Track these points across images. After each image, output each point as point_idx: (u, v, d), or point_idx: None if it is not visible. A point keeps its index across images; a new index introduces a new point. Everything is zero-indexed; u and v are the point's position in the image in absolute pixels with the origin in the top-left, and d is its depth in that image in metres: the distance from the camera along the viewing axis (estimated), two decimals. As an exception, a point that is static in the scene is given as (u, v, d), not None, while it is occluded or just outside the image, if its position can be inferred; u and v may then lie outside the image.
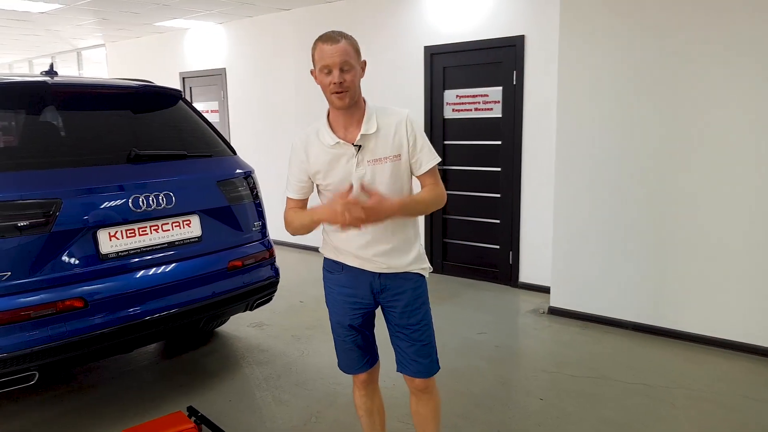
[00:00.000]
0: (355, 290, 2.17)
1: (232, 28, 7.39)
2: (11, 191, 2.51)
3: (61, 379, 3.53)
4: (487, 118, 5.41)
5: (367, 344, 2.30)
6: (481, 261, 5.66)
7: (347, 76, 1.94)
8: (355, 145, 2.01)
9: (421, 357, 2.20)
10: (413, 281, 2.17)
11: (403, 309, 2.16)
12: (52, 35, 8.03)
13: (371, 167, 2.02)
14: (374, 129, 2.02)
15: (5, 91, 2.81)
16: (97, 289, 2.71)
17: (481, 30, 5.27)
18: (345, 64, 1.93)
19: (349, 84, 1.95)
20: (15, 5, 5.84)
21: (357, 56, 1.99)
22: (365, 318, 2.23)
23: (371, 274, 2.13)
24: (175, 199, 3.01)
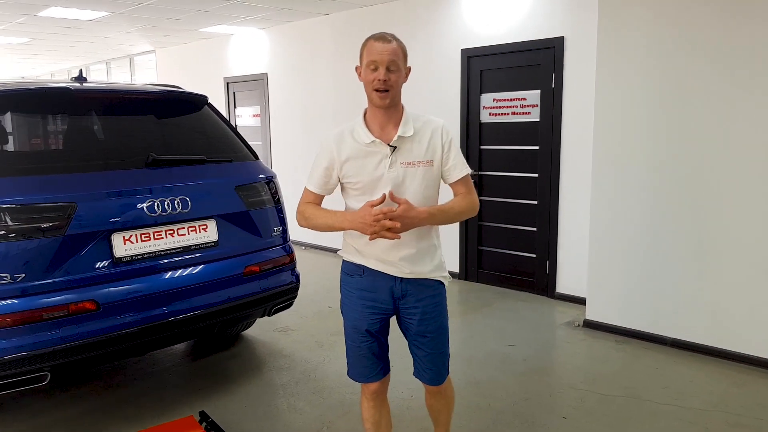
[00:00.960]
0: (375, 294, 2.15)
1: (273, 34, 7.46)
2: (25, 195, 2.56)
3: (87, 378, 3.60)
4: (524, 122, 5.24)
5: (382, 352, 2.26)
6: (516, 270, 5.48)
7: (392, 75, 1.98)
8: (391, 145, 2.03)
9: (435, 365, 2.23)
10: (433, 288, 2.17)
11: (422, 316, 2.15)
12: (103, 42, 8.33)
13: (404, 169, 2.04)
14: (411, 132, 2.05)
15: (26, 98, 2.89)
16: (109, 292, 2.74)
17: (518, 31, 5.11)
18: (392, 64, 1.98)
19: (392, 84, 1.99)
20: (65, 13, 6.07)
21: (404, 60, 2.04)
22: (382, 324, 2.21)
23: (392, 278, 2.12)
24: (191, 204, 3.02)
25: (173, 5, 5.89)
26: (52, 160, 2.78)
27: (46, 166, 2.73)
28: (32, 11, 5.97)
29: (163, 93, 3.33)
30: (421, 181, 2.06)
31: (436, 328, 2.18)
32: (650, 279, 4.08)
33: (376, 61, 1.98)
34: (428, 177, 2.08)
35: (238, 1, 5.81)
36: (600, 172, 4.26)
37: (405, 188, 2.04)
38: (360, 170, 2.06)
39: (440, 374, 2.26)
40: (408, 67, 2.08)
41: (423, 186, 2.07)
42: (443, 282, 2.23)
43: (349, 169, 2.07)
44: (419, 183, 2.06)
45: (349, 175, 2.08)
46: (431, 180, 2.09)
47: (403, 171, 2.04)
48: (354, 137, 2.08)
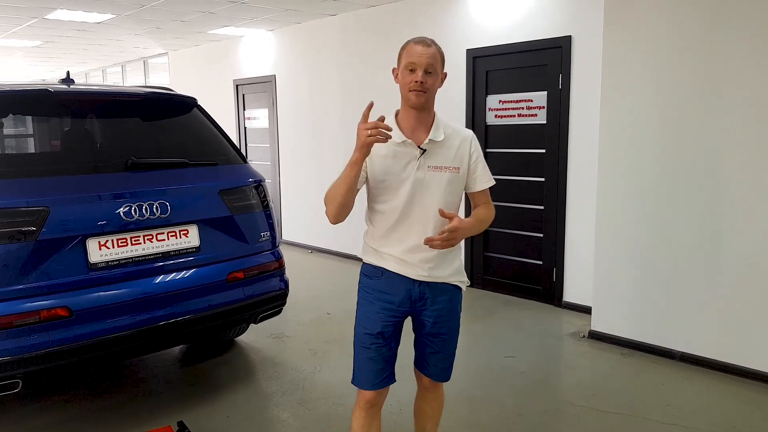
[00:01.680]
0: (392, 296, 2.15)
1: (281, 35, 7.40)
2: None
3: (73, 384, 3.54)
4: (530, 124, 5.07)
5: (391, 358, 2.22)
6: (522, 277, 5.31)
7: (429, 78, 2.02)
8: (421, 148, 2.06)
9: (442, 363, 2.28)
10: (451, 293, 2.20)
11: (437, 319, 2.18)
12: (115, 45, 8.36)
13: (430, 173, 2.06)
14: (442, 137, 2.08)
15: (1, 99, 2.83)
16: (83, 298, 2.66)
17: (525, 31, 4.95)
18: (430, 67, 2.02)
19: (428, 86, 2.03)
20: (72, 16, 6.08)
21: (441, 65, 2.08)
22: (396, 328, 2.20)
23: (411, 281, 2.13)
24: (170, 209, 2.93)
25: (177, 7, 5.85)
26: (27, 164, 2.73)
27: (20, 170, 2.67)
28: (40, 14, 5.99)
29: (149, 95, 3.25)
30: (445, 186, 2.08)
31: (448, 330, 2.23)
32: (659, 289, 3.89)
33: (415, 63, 2.01)
34: (453, 183, 2.11)
35: (241, 3, 5.75)
36: (606, 177, 4.09)
37: (430, 192, 2.07)
38: (387, 169, 2.07)
39: (445, 372, 2.31)
40: (444, 72, 2.12)
41: (447, 191, 2.09)
42: (461, 287, 2.24)
43: (376, 166, 2.08)
44: (444, 188, 2.08)
45: (375, 173, 2.09)
46: (455, 186, 2.13)
47: (430, 174, 2.06)
48: None
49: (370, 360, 2.17)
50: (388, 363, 2.19)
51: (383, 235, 2.13)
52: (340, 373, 3.66)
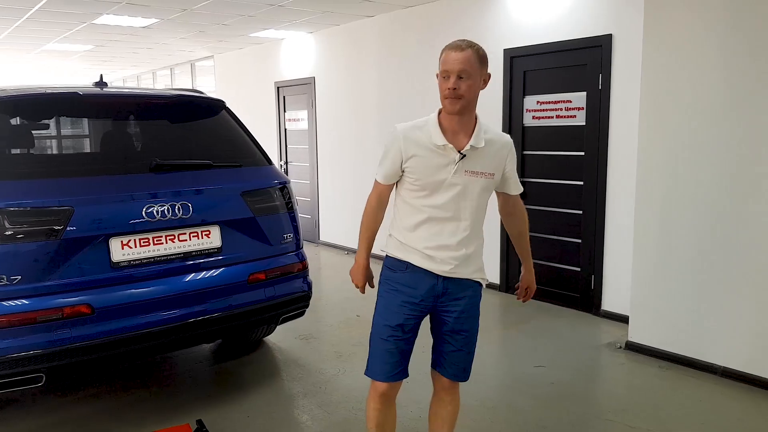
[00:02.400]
0: (416, 290, 2.17)
1: (320, 37, 7.44)
2: (23, 198, 2.58)
3: (101, 379, 3.64)
4: (569, 126, 4.91)
5: (407, 353, 2.26)
6: (560, 284, 5.14)
7: (463, 84, 2.02)
8: (462, 153, 2.08)
9: (461, 362, 2.28)
10: (473, 288, 2.23)
11: (459, 315, 2.20)
12: (163, 48, 8.60)
13: (467, 177, 2.10)
14: (482, 144, 2.10)
15: (33, 104, 2.93)
16: (105, 296, 2.72)
17: (564, 29, 4.80)
18: (463, 72, 2.01)
19: (463, 92, 2.02)
20: (118, 21, 6.28)
21: (480, 67, 2.06)
22: (416, 322, 2.22)
23: (435, 276, 2.16)
24: (193, 210, 2.96)
25: (218, 10, 5.96)
26: (53, 164, 2.81)
27: (46, 170, 2.75)
28: (89, 19, 6.21)
29: (176, 98, 3.30)
30: (479, 191, 2.14)
31: (470, 327, 2.24)
32: (700, 300, 3.68)
33: (448, 70, 2.03)
34: (486, 187, 2.16)
35: (278, 6, 5.80)
36: (644, 182, 3.91)
37: (465, 195, 2.11)
38: (425, 170, 2.10)
39: (464, 371, 2.31)
40: (488, 73, 2.12)
41: (480, 196, 2.15)
42: (482, 283, 2.27)
43: (414, 164, 2.11)
44: (478, 192, 2.13)
45: (412, 171, 2.12)
46: (488, 190, 2.19)
47: (466, 179, 2.10)
48: (426, 135, 2.11)
49: (387, 352, 2.20)
50: (403, 357, 2.22)
51: (412, 229, 2.17)
52: (361, 378, 3.56)
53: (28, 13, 5.85)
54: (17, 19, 6.13)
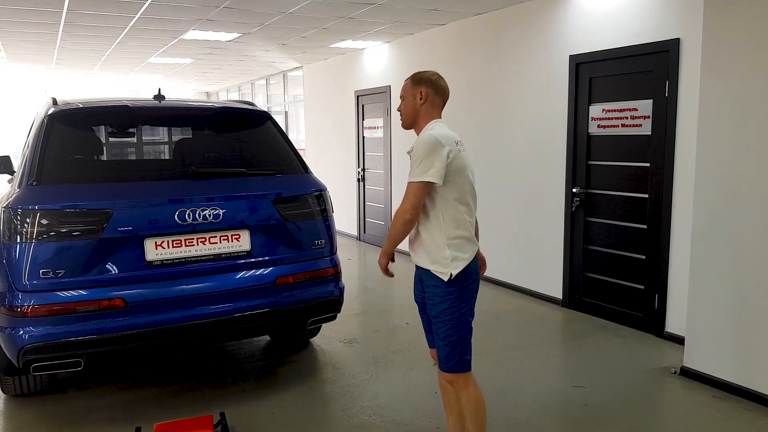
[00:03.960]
0: (416, 277, 2.63)
1: (395, 47, 7.55)
2: (69, 201, 2.90)
3: (153, 369, 3.94)
4: (634, 135, 4.65)
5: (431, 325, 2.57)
6: (622, 302, 4.86)
7: (402, 105, 2.62)
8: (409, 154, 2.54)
9: (437, 349, 2.52)
10: (433, 279, 2.47)
11: (426, 300, 2.55)
12: (253, 61, 9.12)
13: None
14: (411, 148, 2.49)
15: (86, 116, 3.26)
16: (138, 292, 2.97)
17: (630, 34, 4.55)
18: (401, 96, 2.61)
19: (401, 110, 2.64)
20: (204, 36, 6.77)
21: (412, 88, 2.58)
22: (423, 301, 2.59)
23: (415, 266, 2.59)
24: (223, 214, 3.16)
25: (293, 24, 6.24)
26: (100, 171, 3.11)
27: (93, 176, 3.05)
28: (177, 35, 6.76)
29: (220, 109, 3.53)
30: None
31: (435, 314, 2.48)
32: (763, 326, 3.35)
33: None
34: None
35: (348, 18, 5.98)
36: (703, 196, 3.62)
37: None
38: None
39: (441, 360, 2.50)
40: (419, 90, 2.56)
41: None
42: (438, 275, 2.44)
43: None
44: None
45: None
46: None
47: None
48: None
49: (423, 325, 2.70)
50: (429, 330, 2.61)
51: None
52: (391, 385, 3.66)
53: (125, 31, 6.46)
54: (115, 37, 6.80)
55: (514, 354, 4.23)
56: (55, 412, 3.38)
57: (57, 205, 2.87)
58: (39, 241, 2.84)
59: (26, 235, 2.83)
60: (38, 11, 5.43)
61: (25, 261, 2.83)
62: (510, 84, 5.74)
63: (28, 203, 2.85)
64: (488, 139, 6.07)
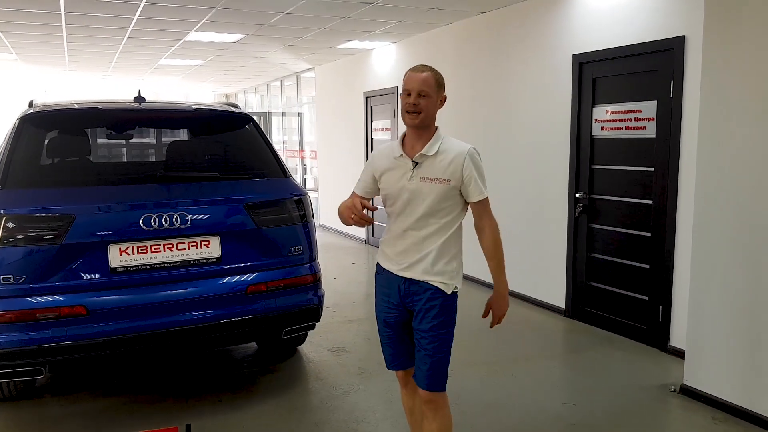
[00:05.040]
0: (389, 290, 2.39)
1: (402, 47, 7.42)
2: (29, 206, 2.84)
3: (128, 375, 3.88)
4: (638, 138, 4.42)
5: (401, 346, 2.44)
6: (625, 313, 4.64)
7: (422, 101, 2.25)
8: (414, 161, 2.28)
9: (423, 365, 2.32)
10: (432, 291, 2.30)
11: (417, 313, 2.32)
12: (263, 62, 9.07)
13: (422, 183, 2.28)
14: (433, 152, 2.28)
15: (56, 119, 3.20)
16: (100, 299, 2.90)
17: (633, 32, 4.34)
18: (422, 91, 2.25)
19: (422, 108, 2.25)
20: (207, 37, 6.73)
21: (437, 89, 2.30)
22: (397, 319, 2.40)
23: (399, 278, 2.34)
24: (191, 220, 3.07)
25: (293, 24, 6.15)
26: (67, 174, 3.04)
27: (59, 180, 3.00)
28: (180, 37, 6.73)
29: (197, 111, 3.45)
30: (436, 196, 2.27)
31: (428, 327, 2.29)
32: (765, 344, 3.12)
33: (409, 88, 2.27)
34: (443, 193, 2.27)
35: (349, 17, 5.87)
36: (703, 205, 3.40)
37: (422, 199, 2.27)
38: (388, 179, 2.34)
39: (426, 377, 2.31)
40: (443, 96, 2.35)
41: (437, 200, 2.27)
42: (442, 288, 2.29)
43: (381, 178, 2.38)
44: (434, 197, 2.27)
45: (381, 183, 2.38)
46: (447, 196, 2.29)
47: (421, 185, 2.27)
48: (390, 150, 2.37)
49: (384, 344, 2.49)
50: (397, 350, 2.44)
51: (385, 234, 2.42)
52: (372, 397, 3.52)
53: (127, 33, 6.46)
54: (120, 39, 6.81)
55: (507, 366, 4.06)
56: (28, 418, 3.34)
57: (18, 210, 2.82)
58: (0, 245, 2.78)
59: (-14, 240, 2.78)
60: (38, 13, 5.45)
61: (-15, 266, 2.78)
62: (513, 84, 5.55)
63: (-11, 207, 2.80)
64: (491, 141, 5.89)
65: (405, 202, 2.29)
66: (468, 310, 5.37)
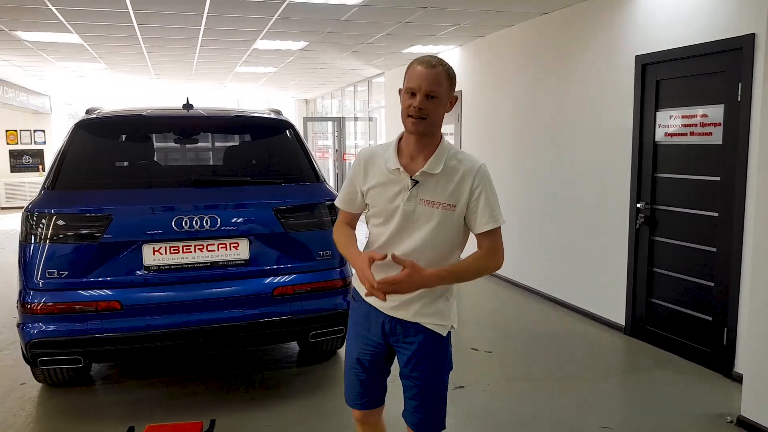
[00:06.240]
0: (368, 325, 2.07)
1: (467, 50, 7.30)
2: (73, 206, 3.05)
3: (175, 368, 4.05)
4: (703, 145, 4.10)
5: (372, 385, 2.14)
6: (688, 334, 4.29)
7: (430, 104, 1.84)
8: (413, 179, 1.91)
9: (417, 412, 2.06)
10: (425, 335, 2.01)
11: (409, 360, 2.03)
12: (333, 68, 9.24)
13: (422, 207, 1.91)
14: (438, 170, 1.90)
15: (105, 125, 3.41)
16: (134, 296, 3.05)
17: (699, 31, 4.03)
18: (432, 92, 1.83)
19: (428, 112, 1.84)
20: (274, 45, 6.95)
21: (449, 88, 1.88)
22: (374, 357, 2.09)
23: (383, 314, 2.02)
24: (221, 222, 3.16)
25: (351, 30, 6.21)
26: (109, 177, 3.23)
27: (102, 182, 3.19)
28: (248, 46, 6.99)
29: (235, 118, 3.57)
30: (436, 224, 1.91)
31: (421, 377, 2.02)
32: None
33: (414, 87, 1.84)
34: (445, 221, 1.92)
35: (406, 22, 5.85)
36: (764, 219, 3.09)
37: (417, 227, 1.92)
38: (379, 196, 1.96)
39: (422, 423, 2.07)
40: (454, 95, 1.93)
41: (437, 230, 1.92)
42: (438, 332, 2.01)
43: (369, 191, 1.99)
44: (433, 225, 1.91)
45: (369, 198, 2.01)
46: (449, 225, 1.93)
47: (420, 208, 1.91)
48: (384, 159, 1.97)
49: (351, 382, 2.15)
50: (367, 389, 2.12)
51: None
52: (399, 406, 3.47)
53: (198, 43, 6.80)
54: (193, 48, 7.17)
55: (550, 383, 3.87)
56: (77, 402, 3.57)
57: (63, 210, 3.03)
58: (46, 243, 3.00)
59: (36, 237, 3.01)
60: (115, 26, 5.85)
61: (34, 261, 3.01)
62: (574, 87, 5.31)
63: (37, 207, 3.03)
64: (550, 146, 5.67)
65: (398, 227, 1.92)
66: (522, 322, 5.23)
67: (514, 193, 6.37)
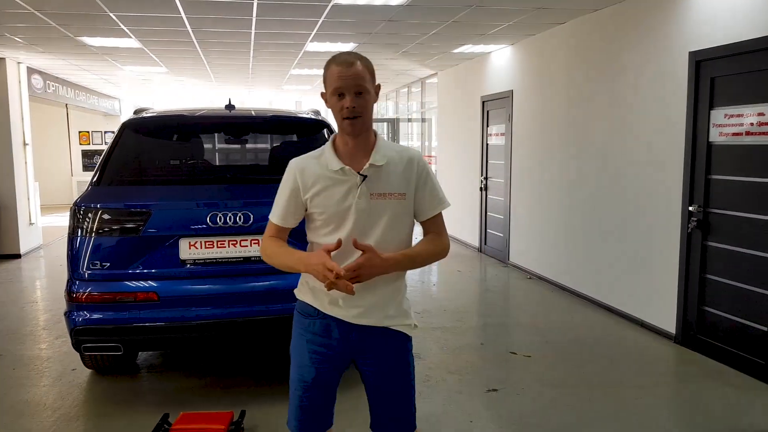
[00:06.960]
0: (329, 341, 1.94)
1: (518, 49, 7.17)
2: (114, 201, 3.20)
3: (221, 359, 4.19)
4: (761, 145, 3.87)
5: (327, 404, 2.03)
6: (742, 345, 4.06)
7: (361, 100, 1.82)
8: (361, 174, 1.86)
9: (396, 420, 2.01)
10: (396, 339, 1.95)
11: (379, 370, 1.96)
12: (385, 68, 9.27)
13: (374, 201, 1.87)
14: (384, 161, 1.88)
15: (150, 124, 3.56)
16: (170, 288, 3.17)
17: (756, 24, 3.81)
18: (359, 88, 1.81)
19: (362, 109, 1.82)
20: (325, 47, 7.05)
21: (371, 80, 1.87)
22: (332, 374, 1.98)
23: (348, 324, 1.91)
24: (253, 219, 3.24)
25: (399, 30, 6.23)
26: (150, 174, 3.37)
27: (143, 178, 3.33)
28: (300, 48, 7.13)
29: (272, 118, 3.65)
30: (390, 215, 1.89)
31: (399, 386, 1.98)
32: None
33: (341, 87, 1.80)
34: (399, 211, 1.90)
35: (453, 21, 5.81)
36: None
37: (373, 222, 1.87)
38: (326, 200, 1.88)
39: (404, 427, 2.02)
40: (377, 85, 1.90)
41: (392, 221, 1.89)
42: (407, 333, 1.97)
43: (314, 198, 1.90)
44: (389, 217, 1.88)
45: (315, 205, 1.91)
46: (402, 215, 1.92)
47: (373, 203, 1.87)
48: (321, 164, 1.91)
49: (301, 408, 1.98)
50: (323, 410, 2.01)
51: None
52: (427, 405, 3.46)
53: (251, 46, 6.99)
54: (247, 52, 7.38)
55: (589, 390, 3.75)
56: (119, 388, 3.76)
57: (107, 205, 3.18)
58: (91, 236, 3.17)
59: (82, 230, 3.18)
60: (170, 30, 6.10)
61: (80, 253, 3.18)
62: (624, 85, 5.12)
63: (83, 202, 3.20)
64: (599, 145, 5.49)
65: (352, 229, 1.85)
66: (565, 327, 5.08)
67: (562, 194, 6.21)
